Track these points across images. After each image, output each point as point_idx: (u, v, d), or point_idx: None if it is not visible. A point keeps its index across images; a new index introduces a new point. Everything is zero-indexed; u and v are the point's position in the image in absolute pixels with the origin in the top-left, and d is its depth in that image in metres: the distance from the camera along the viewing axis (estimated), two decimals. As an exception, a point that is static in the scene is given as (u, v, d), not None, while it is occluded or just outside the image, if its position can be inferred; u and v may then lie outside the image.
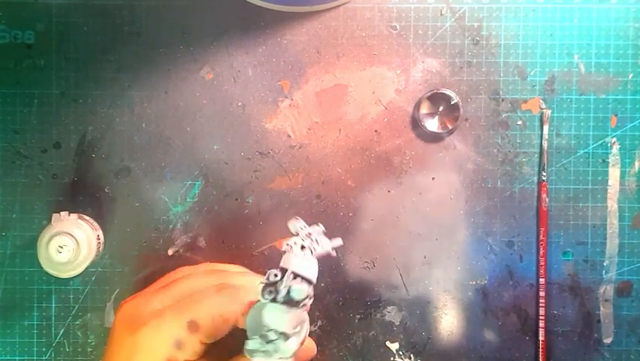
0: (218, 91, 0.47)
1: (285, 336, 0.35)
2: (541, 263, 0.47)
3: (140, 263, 0.48)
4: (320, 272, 0.47)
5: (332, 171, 0.48)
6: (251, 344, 0.35)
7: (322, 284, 0.48)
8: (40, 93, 0.47)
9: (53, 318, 0.48)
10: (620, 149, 0.47)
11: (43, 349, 0.48)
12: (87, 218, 0.46)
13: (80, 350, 0.48)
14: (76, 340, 0.48)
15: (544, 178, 0.47)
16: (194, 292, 0.38)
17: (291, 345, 0.35)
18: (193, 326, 0.36)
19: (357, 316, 0.48)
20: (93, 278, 0.48)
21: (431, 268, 0.48)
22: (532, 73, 0.47)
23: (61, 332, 0.48)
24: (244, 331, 0.36)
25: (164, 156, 0.47)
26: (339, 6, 0.47)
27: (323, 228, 0.37)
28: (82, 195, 0.47)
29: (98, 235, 0.46)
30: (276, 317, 0.34)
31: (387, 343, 0.48)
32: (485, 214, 0.48)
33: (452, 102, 0.46)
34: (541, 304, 0.47)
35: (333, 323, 0.48)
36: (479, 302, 0.48)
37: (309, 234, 0.36)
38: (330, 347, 0.48)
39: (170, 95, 0.47)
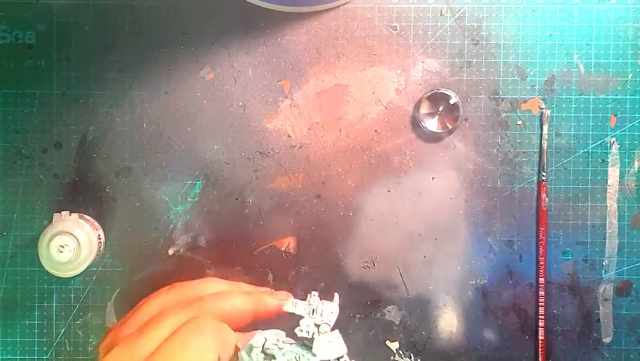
0: (219, 91, 0.47)
1: None
2: (541, 263, 0.47)
3: (141, 263, 0.48)
4: (320, 272, 0.48)
5: (332, 171, 0.48)
6: None
7: (322, 284, 0.48)
8: (41, 93, 0.47)
9: (54, 317, 0.48)
10: (619, 149, 0.47)
11: (44, 348, 0.48)
12: (88, 218, 0.46)
13: (80, 349, 0.48)
14: (77, 339, 0.48)
15: (543, 178, 0.47)
16: (174, 338, 0.38)
17: None
18: None
19: (357, 315, 0.48)
20: (94, 278, 0.48)
21: (431, 267, 0.48)
22: (531, 73, 0.47)
23: (62, 332, 0.48)
24: None
25: (164, 155, 0.48)
26: (339, 6, 0.47)
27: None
28: (83, 194, 0.47)
29: (99, 235, 0.46)
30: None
31: (388, 342, 0.48)
32: (485, 214, 0.48)
33: (452, 102, 0.46)
34: (540, 304, 0.47)
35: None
36: (479, 302, 0.48)
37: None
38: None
39: (170, 95, 0.47)
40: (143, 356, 0.37)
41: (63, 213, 0.45)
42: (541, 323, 0.47)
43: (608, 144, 0.47)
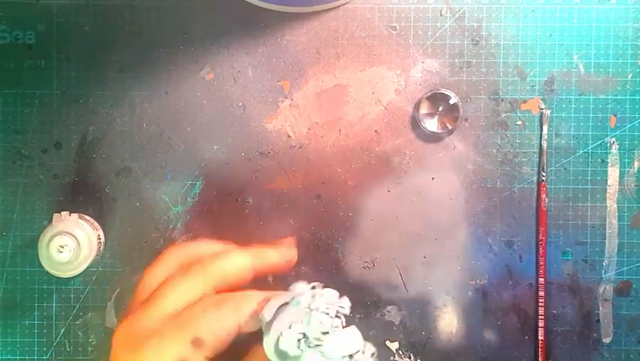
0: (219, 91, 0.47)
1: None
2: (541, 263, 0.47)
3: (141, 263, 0.48)
4: (320, 272, 0.48)
5: (332, 171, 0.48)
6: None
7: (322, 284, 0.48)
8: (41, 93, 0.47)
9: (54, 318, 0.48)
10: (619, 149, 0.47)
11: (44, 348, 0.48)
12: (88, 218, 0.46)
13: (80, 349, 0.48)
14: (77, 339, 0.48)
15: (543, 178, 0.47)
16: (192, 307, 0.37)
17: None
18: (197, 343, 0.36)
19: (357, 316, 0.48)
20: (94, 278, 0.48)
21: (431, 267, 0.48)
22: (531, 73, 0.47)
23: (62, 332, 0.48)
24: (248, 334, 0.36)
25: (164, 156, 0.48)
26: (339, 6, 0.47)
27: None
28: (82, 195, 0.47)
29: (99, 235, 0.46)
30: None
31: (387, 342, 0.48)
32: (485, 214, 0.48)
33: (452, 102, 0.47)
34: (540, 304, 0.47)
35: (333, 322, 0.48)
36: (479, 302, 0.48)
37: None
38: (330, 346, 0.48)
39: (170, 95, 0.47)
40: (152, 327, 0.36)
41: (63, 213, 0.44)
42: (541, 323, 0.47)
43: (608, 144, 0.47)
